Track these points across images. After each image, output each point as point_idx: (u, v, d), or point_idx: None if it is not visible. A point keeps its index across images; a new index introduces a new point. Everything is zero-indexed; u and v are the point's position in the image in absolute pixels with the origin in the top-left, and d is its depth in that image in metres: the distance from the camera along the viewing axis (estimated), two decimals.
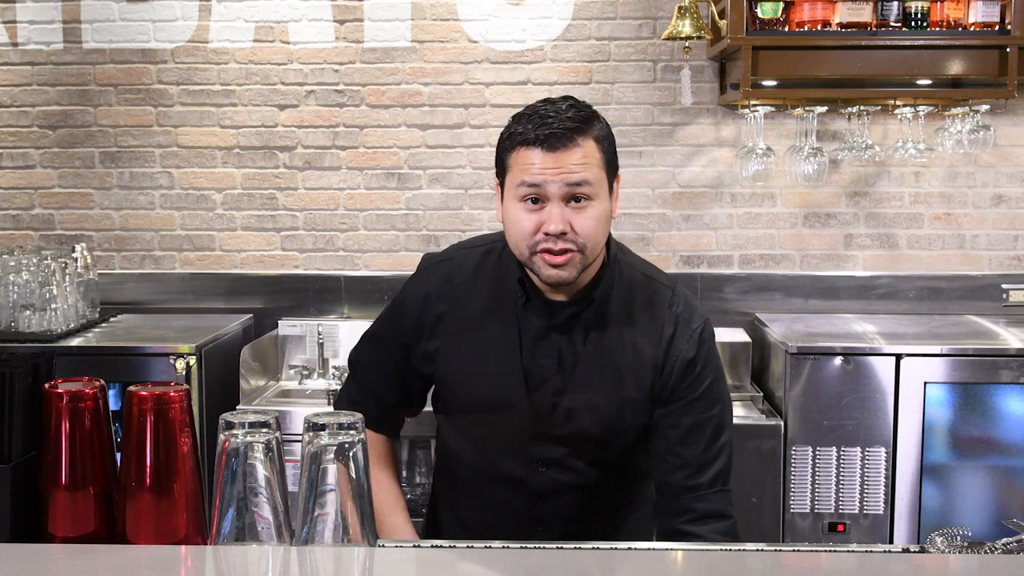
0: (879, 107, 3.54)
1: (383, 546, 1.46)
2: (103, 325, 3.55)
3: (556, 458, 1.85)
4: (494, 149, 1.83)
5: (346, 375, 2.04)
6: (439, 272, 1.90)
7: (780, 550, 1.80)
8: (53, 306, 3.32)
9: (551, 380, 1.82)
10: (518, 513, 1.90)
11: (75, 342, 3.28)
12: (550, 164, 1.67)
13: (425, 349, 1.88)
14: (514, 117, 1.76)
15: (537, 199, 1.70)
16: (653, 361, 1.81)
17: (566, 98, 1.75)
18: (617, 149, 1.79)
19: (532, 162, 1.68)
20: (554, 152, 1.67)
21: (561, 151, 1.67)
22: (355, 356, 2.01)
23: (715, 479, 1.80)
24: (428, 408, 2.03)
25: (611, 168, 1.76)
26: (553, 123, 1.68)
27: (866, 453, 3.16)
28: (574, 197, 1.69)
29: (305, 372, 3.62)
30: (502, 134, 1.77)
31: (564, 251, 1.69)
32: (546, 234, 1.69)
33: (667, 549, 1.64)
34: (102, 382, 1.45)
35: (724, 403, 1.85)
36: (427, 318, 1.87)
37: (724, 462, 1.82)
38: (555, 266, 1.70)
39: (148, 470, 1.38)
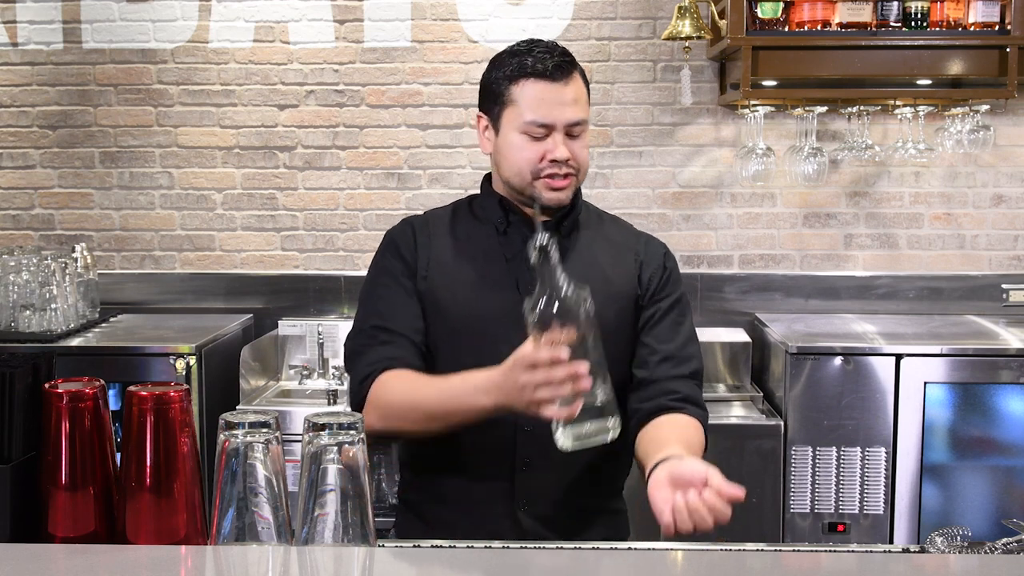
0: (879, 107, 3.54)
1: (383, 546, 1.47)
2: (103, 325, 3.55)
3: None
4: None
5: (356, 346, 1.94)
6: (414, 219, 2.02)
7: (780, 550, 1.80)
8: (53, 306, 3.32)
9: None
10: (501, 449, 1.84)
11: (75, 342, 3.28)
12: (556, 99, 1.83)
13: (422, 272, 1.93)
14: (507, 52, 1.89)
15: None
16: (634, 256, 1.98)
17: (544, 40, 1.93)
18: (617, 151, 1.83)
19: (541, 98, 1.83)
20: (557, 83, 1.84)
21: (563, 82, 1.84)
22: (369, 320, 1.93)
23: (694, 373, 1.94)
24: None
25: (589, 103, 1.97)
26: (552, 56, 1.85)
27: (866, 453, 3.16)
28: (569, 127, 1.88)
29: (305, 372, 3.62)
30: (495, 71, 1.89)
31: (566, 175, 1.86)
32: (552, 161, 1.84)
33: (667, 549, 1.64)
34: (102, 382, 1.45)
35: (692, 318, 2.03)
36: (419, 241, 1.96)
37: (699, 363, 1.97)
38: (556, 189, 1.86)
39: (148, 470, 1.38)
